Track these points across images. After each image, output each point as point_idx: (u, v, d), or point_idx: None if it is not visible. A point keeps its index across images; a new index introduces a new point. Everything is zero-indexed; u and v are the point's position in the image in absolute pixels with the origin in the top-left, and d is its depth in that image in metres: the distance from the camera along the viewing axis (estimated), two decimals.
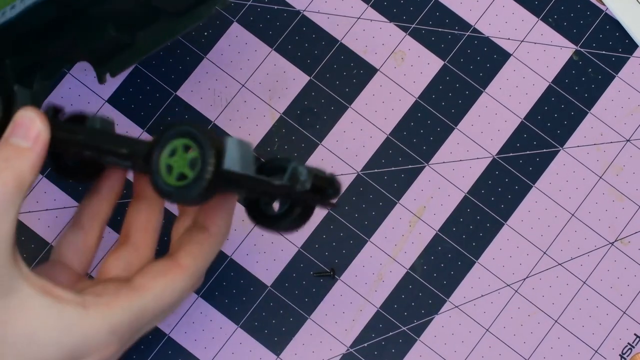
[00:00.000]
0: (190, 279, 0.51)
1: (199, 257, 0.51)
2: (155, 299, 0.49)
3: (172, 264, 0.50)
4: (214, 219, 0.52)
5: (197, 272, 0.51)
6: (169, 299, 0.50)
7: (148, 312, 0.49)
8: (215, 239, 0.52)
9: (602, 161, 0.65)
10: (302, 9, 0.66)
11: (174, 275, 0.50)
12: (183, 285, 0.50)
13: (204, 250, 0.51)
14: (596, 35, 0.67)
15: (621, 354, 0.64)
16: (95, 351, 0.48)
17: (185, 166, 0.46)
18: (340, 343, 0.63)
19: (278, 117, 0.65)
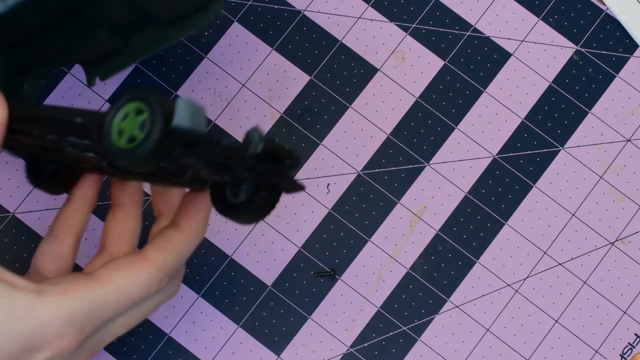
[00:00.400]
0: (156, 273, 0.49)
1: (167, 252, 0.50)
2: (115, 291, 0.48)
3: (137, 256, 0.49)
4: (186, 216, 0.51)
5: (164, 267, 0.50)
6: (131, 291, 0.49)
7: (108, 304, 0.48)
8: (186, 235, 0.51)
9: (603, 161, 0.65)
10: (303, 8, 0.66)
11: (137, 267, 0.49)
12: (147, 278, 0.49)
13: (172, 245, 0.50)
14: (597, 35, 0.67)
15: (622, 354, 0.64)
16: (50, 341, 0.47)
17: (135, 129, 0.45)
18: (341, 343, 0.63)
19: (278, 117, 0.65)
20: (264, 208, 0.50)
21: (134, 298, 0.49)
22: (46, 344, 0.47)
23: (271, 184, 0.50)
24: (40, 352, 0.47)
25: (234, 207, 0.50)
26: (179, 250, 0.50)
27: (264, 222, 0.64)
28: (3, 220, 0.63)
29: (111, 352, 0.62)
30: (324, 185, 0.64)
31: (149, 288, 0.49)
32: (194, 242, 0.51)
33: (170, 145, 0.44)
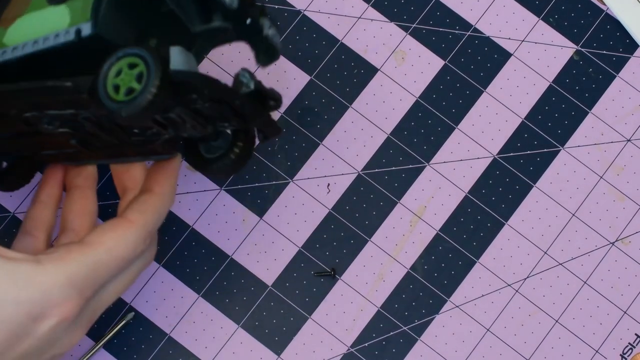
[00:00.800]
0: (140, 233, 0.52)
1: (146, 212, 0.53)
2: (108, 252, 0.51)
3: (120, 219, 0.52)
4: (157, 180, 0.54)
5: (145, 226, 0.52)
6: (121, 251, 0.51)
7: (103, 265, 0.50)
8: (159, 197, 0.53)
9: (603, 161, 0.65)
10: (303, 8, 0.66)
11: (123, 228, 0.52)
12: (133, 238, 0.52)
13: (149, 207, 0.53)
14: (597, 35, 0.67)
15: (622, 353, 0.64)
16: (55, 306, 0.48)
17: (132, 81, 0.46)
18: (341, 343, 0.63)
19: (279, 117, 0.65)
20: (239, 160, 0.52)
21: (124, 258, 0.52)
22: (51, 311, 0.49)
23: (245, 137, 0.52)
24: (46, 319, 0.49)
25: (210, 162, 0.52)
26: (155, 211, 0.53)
27: (264, 222, 0.64)
28: (3, 220, 0.63)
29: (111, 352, 0.62)
30: (324, 185, 0.64)
31: (136, 247, 0.52)
32: (167, 204, 0.54)
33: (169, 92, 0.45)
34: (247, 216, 0.64)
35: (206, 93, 0.47)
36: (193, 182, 0.64)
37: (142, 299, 0.63)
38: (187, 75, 0.46)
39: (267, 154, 0.64)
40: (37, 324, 0.49)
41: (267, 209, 0.64)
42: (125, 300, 0.63)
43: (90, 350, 0.62)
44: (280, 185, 0.64)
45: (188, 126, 0.49)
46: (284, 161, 0.64)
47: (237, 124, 0.50)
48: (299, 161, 0.64)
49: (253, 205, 0.64)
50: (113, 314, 0.62)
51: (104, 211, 0.63)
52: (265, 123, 0.51)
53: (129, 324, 0.62)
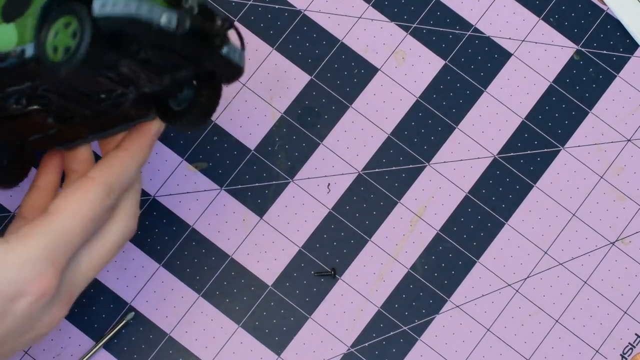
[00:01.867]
0: (102, 188, 0.51)
1: (109, 168, 0.52)
2: (72, 215, 0.50)
3: (81, 180, 0.51)
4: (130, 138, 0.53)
5: (108, 181, 0.51)
6: (86, 212, 0.50)
7: (70, 229, 0.50)
8: (129, 153, 0.53)
9: (603, 161, 0.65)
10: (303, 8, 0.66)
11: (84, 188, 0.51)
12: (97, 196, 0.51)
13: (116, 161, 0.52)
14: (597, 35, 0.67)
15: (622, 353, 0.64)
16: (30, 283, 0.48)
17: (68, 39, 0.46)
18: (341, 343, 0.63)
19: (279, 117, 0.65)
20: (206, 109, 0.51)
21: (90, 217, 0.51)
22: (27, 288, 0.48)
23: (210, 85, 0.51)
24: (23, 298, 0.48)
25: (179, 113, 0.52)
26: (122, 165, 0.52)
27: (264, 222, 0.64)
28: (3, 220, 0.63)
29: (111, 352, 0.62)
30: (325, 185, 0.64)
31: (100, 203, 0.51)
32: (136, 161, 0.53)
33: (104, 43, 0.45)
34: (247, 216, 0.64)
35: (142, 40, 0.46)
36: (193, 182, 0.64)
37: (142, 299, 0.63)
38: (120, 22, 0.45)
39: (267, 154, 0.65)
40: (15, 304, 0.48)
41: (267, 209, 0.64)
42: (125, 300, 0.63)
43: (90, 350, 0.62)
44: (281, 185, 0.64)
45: (144, 79, 0.49)
46: (284, 161, 0.64)
47: (191, 69, 0.50)
48: (299, 161, 0.64)
49: (253, 205, 0.64)
50: (113, 314, 0.62)
51: None
52: (219, 64, 0.50)
53: (129, 324, 0.63)
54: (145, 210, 0.64)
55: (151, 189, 0.64)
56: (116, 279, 0.63)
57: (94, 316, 0.62)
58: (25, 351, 0.62)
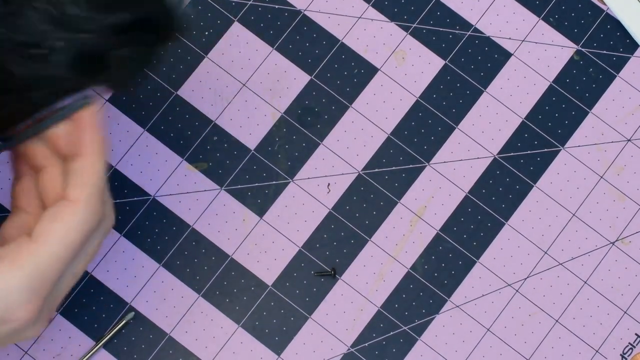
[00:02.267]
0: (86, 209, 0.49)
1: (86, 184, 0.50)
2: (59, 243, 0.48)
3: (62, 203, 0.49)
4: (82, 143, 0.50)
5: (90, 201, 0.49)
6: (74, 237, 0.49)
7: (57, 258, 0.48)
8: (91, 158, 0.50)
9: (603, 161, 0.65)
10: (303, 8, 0.66)
11: (69, 212, 0.49)
12: (81, 218, 0.49)
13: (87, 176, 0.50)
14: (597, 35, 0.67)
15: (622, 353, 0.64)
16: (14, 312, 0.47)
17: None
18: (341, 343, 0.63)
19: (279, 117, 0.65)
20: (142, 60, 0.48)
21: (79, 242, 0.49)
22: (10, 315, 0.47)
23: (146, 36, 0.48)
24: (6, 324, 0.48)
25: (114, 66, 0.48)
26: (95, 175, 0.50)
27: (264, 222, 0.64)
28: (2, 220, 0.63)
29: (111, 351, 0.62)
30: (325, 185, 0.64)
31: (89, 226, 0.49)
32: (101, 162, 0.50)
33: None
34: (247, 216, 0.64)
35: None
36: (193, 182, 0.64)
37: (142, 299, 0.63)
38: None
39: (267, 154, 0.64)
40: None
41: (267, 209, 0.64)
42: (125, 300, 0.63)
43: (90, 350, 0.62)
44: (281, 185, 0.64)
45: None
46: (284, 161, 0.64)
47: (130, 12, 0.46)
48: (299, 161, 0.64)
49: (253, 205, 0.64)
50: (113, 314, 0.62)
51: None
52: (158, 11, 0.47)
53: (129, 324, 0.63)
54: (145, 210, 0.64)
55: (151, 189, 0.64)
56: (116, 279, 0.63)
57: (94, 316, 0.62)
58: (25, 351, 0.62)
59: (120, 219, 0.63)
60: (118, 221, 0.63)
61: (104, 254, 0.63)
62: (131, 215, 0.63)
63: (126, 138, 0.64)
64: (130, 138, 0.64)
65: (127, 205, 0.63)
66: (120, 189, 0.64)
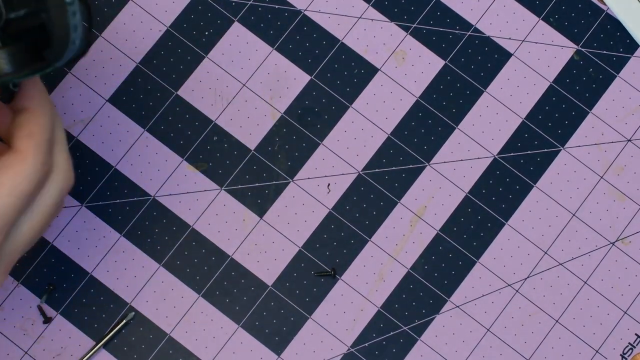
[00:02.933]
0: (36, 160, 0.49)
1: (34, 135, 0.50)
2: (8, 192, 0.48)
3: (11, 153, 0.50)
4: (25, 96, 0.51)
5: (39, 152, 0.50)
6: (22, 186, 0.49)
7: (5, 208, 0.48)
8: (38, 111, 0.50)
9: (603, 161, 0.65)
10: (303, 8, 0.66)
11: (17, 163, 0.49)
12: (31, 170, 0.49)
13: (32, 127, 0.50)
14: (597, 35, 0.67)
15: (622, 353, 0.64)
16: None
17: None
18: (341, 343, 0.63)
19: (279, 117, 0.65)
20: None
21: (28, 192, 0.49)
22: None
23: None
24: None
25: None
26: (43, 128, 0.50)
27: (264, 222, 0.64)
28: None
29: (111, 351, 0.62)
30: (325, 185, 0.64)
31: (38, 176, 0.50)
32: (47, 114, 0.51)
33: None
34: (247, 216, 0.64)
35: None
36: (193, 182, 0.64)
37: (142, 299, 0.63)
38: None
39: (267, 154, 0.65)
40: None
41: (267, 209, 0.64)
42: (126, 300, 0.63)
43: (90, 350, 0.62)
44: (281, 185, 0.64)
45: None
46: (284, 161, 0.64)
47: None
48: (299, 161, 0.64)
49: (253, 205, 0.64)
50: (113, 314, 0.62)
51: (104, 211, 0.63)
52: None
53: (129, 324, 0.63)
54: (145, 210, 0.64)
55: (151, 189, 0.64)
56: (116, 279, 0.63)
57: (94, 316, 0.62)
58: (25, 351, 0.62)
59: (120, 219, 0.63)
60: (118, 221, 0.63)
61: (104, 254, 0.63)
62: (131, 215, 0.63)
63: (126, 138, 0.64)
64: (130, 138, 0.64)
65: (127, 205, 0.64)
66: (120, 189, 0.64)
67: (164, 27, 0.65)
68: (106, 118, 0.64)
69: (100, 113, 0.64)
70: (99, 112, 0.64)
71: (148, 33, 0.65)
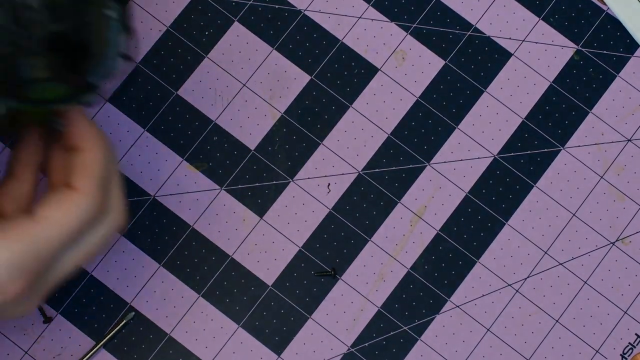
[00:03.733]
0: (88, 200, 0.50)
1: (90, 175, 0.50)
2: (56, 226, 0.49)
3: (67, 190, 0.50)
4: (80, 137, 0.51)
5: (94, 192, 0.50)
6: (71, 224, 0.50)
7: (51, 240, 0.49)
8: (94, 151, 0.51)
9: (603, 161, 0.65)
10: (303, 8, 0.66)
11: (71, 199, 0.50)
12: (84, 208, 0.50)
13: (90, 168, 0.51)
14: (597, 35, 0.67)
15: (622, 353, 0.64)
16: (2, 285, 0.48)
17: None
18: (342, 343, 0.63)
19: (279, 117, 0.65)
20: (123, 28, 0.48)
21: (78, 229, 0.50)
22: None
23: None
24: None
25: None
26: (98, 169, 0.51)
27: (264, 222, 0.64)
28: None
29: (111, 351, 0.62)
30: (325, 185, 0.64)
31: (90, 215, 0.50)
32: (106, 155, 0.51)
33: None
34: (247, 216, 0.64)
35: None
36: (193, 182, 0.64)
37: (142, 299, 0.63)
38: None
39: (267, 154, 0.65)
40: None
41: (267, 209, 0.64)
42: (126, 300, 0.63)
43: (90, 350, 0.62)
44: (281, 185, 0.64)
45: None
46: (284, 161, 0.64)
47: None
48: (299, 161, 0.64)
49: (253, 205, 0.64)
50: (113, 314, 0.62)
51: None
52: None
53: (129, 324, 0.63)
54: (145, 210, 0.64)
55: (151, 189, 0.64)
56: (116, 279, 0.63)
57: (94, 316, 0.62)
58: (25, 351, 0.62)
59: None
60: None
61: (104, 254, 0.63)
62: (131, 215, 0.63)
63: (126, 138, 0.64)
64: (130, 138, 0.64)
65: (127, 205, 0.64)
66: None
67: (164, 27, 0.65)
68: (106, 118, 0.64)
69: (101, 113, 0.65)
70: (99, 112, 0.64)
71: (148, 33, 0.65)
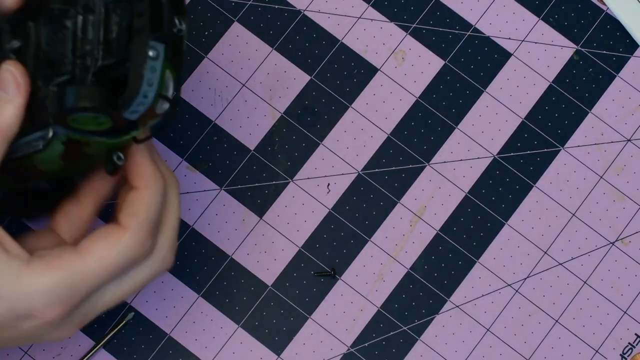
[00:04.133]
0: (134, 239, 0.50)
1: (138, 214, 0.51)
2: (98, 261, 0.50)
3: (113, 226, 0.51)
4: (136, 174, 0.52)
5: (140, 229, 0.51)
6: (114, 260, 0.50)
7: (91, 275, 0.50)
8: (146, 191, 0.51)
9: (603, 161, 0.65)
10: (303, 8, 0.66)
11: (116, 236, 0.50)
12: (127, 246, 0.50)
13: (139, 206, 0.51)
14: (597, 35, 0.67)
15: (622, 353, 0.64)
16: (37, 310, 0.49)
17: None
18: (341, 343, 0.63)
19: (279, 117, 0.65)
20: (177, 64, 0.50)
21: (118, 266, 0.50)
22: (34, 313, 0.49)
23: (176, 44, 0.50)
24: (29, 319, 0.49)
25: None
26: (148, 208, 0.51)
27: (264, 222, 0.64)
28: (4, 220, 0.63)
29: (111, 352, 0.62)
30: (324, 185, 0.64)
31: (133, 253, 0.51)
32: (157, 195, 0.52)
33: None
34: (247, 216, 0.64)
35: None
36: (193, 182, 0.64)
37: (142, 299, 0.63)
38: None
39: (267, 154, 0.65)
40: (20, 321, 0.49)
41: (267, 209, 0.64)
42: (126, 300, 0.63)
43: (90, 350, 0.62)
44: (280, 185, 0.64)
45: None
46: (284, 161, 0.64)
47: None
48: (299, 161, 0.64)
49: (253, 205, 0.64)
50: (113, 314, 0.62)
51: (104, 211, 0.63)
52: None
53: (129, 324, 0.63)
54: None
55: None
56: None
57: None
58: (25, 351, 0.62)
59: None
60: None
61: None
62: None
63: None
64: None
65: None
66: None
67: None
68: None
69: None
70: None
71: None
